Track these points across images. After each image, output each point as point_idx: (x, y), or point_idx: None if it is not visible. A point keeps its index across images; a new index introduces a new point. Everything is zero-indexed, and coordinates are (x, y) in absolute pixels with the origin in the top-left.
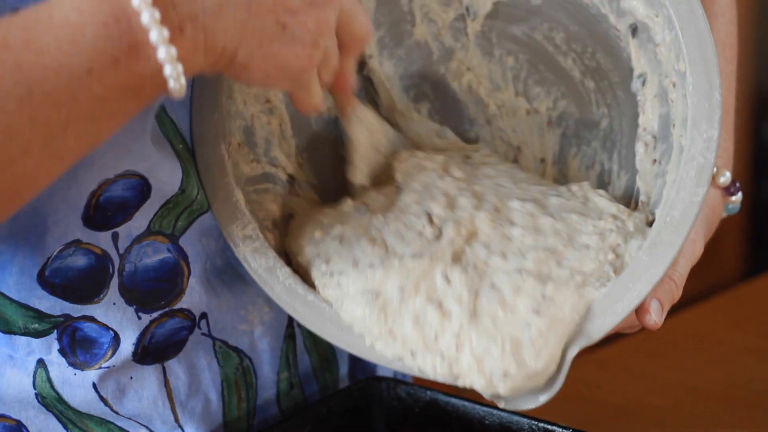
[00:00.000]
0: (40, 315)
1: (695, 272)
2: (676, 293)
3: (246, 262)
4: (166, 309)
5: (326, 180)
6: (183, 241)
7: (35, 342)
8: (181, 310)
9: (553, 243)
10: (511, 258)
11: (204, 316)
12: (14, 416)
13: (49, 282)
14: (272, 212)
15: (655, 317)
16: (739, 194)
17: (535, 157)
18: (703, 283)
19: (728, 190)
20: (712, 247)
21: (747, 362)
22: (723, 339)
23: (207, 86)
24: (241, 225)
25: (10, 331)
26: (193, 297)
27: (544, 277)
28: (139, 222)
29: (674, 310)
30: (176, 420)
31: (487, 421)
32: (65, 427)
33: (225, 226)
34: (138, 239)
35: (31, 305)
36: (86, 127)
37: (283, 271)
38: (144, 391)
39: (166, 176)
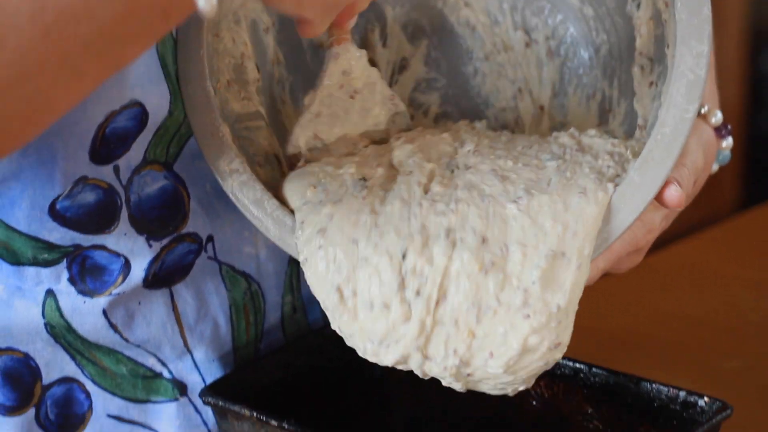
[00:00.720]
0: (50, 246)
1: (692, 203)
2: (690, 179)
3: (234, 196)
4: (174, 234)
5: None
6: (177, 167)
7: (44, 272)
8: (189, 234)
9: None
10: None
11: (210, 238)
12: (22, 349)
13: (61, 215)
14: (263, 148)
15: (675, 192)
16: (730, 139)
17: (534, 102)
18: (700, 215)
19: (720, 132)
20: (709, 178)
21: (743, 293)
22: (719, 270)
23: (191, 25)
24: (227, 159)
25: (18, 263)
26: (197, 220)
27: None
28: (135, 153)
29: (671, 242)
30: (185, 344)
31: None
32: (73, 358)
33: (212, 162)
34: (137, 170)
35: (41, 237)
36: (108, 48)
37: (271, 203)
38: (153, 316)
39: (157, 99)
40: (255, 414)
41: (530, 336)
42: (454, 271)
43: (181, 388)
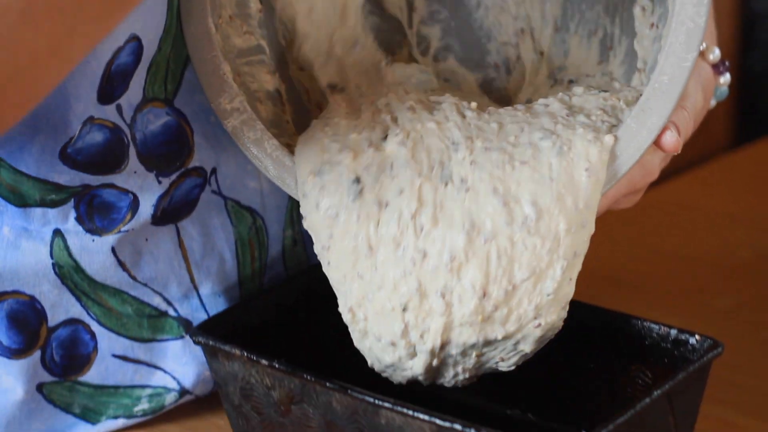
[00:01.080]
0: (58, 187)
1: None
2: (689, 122)
3: (234, 135)
4: (182, 169)
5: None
6: (178, 103)
7: (51, 212)
8: (195, 168)
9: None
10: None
11: (214, 171)
12: (27, 291)
13: (72, 158)
14: (265, 83)
15: (672, 137)
16: (728, 75)
17: (535, 46)
18: (691, 153)
19: (717, 69)
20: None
21: (733, 230)
22: (710, 207)
23: None
24: (228, 98)
25: (24, 204)
26: (202, 154)
27: None
28: (135, 90)
29: (662, 180)
30: (192, 280)
31: None
32: (78, 299)
33: (213, 100)
34: (139, 108)
35: (51, 180)
36: (94, 28)
37: (271, 143)
38: (160, 252)
39: (152, 34)
40: (245, 353)
41: (542, 337)
42: (456, 322)
43: (186, 325)
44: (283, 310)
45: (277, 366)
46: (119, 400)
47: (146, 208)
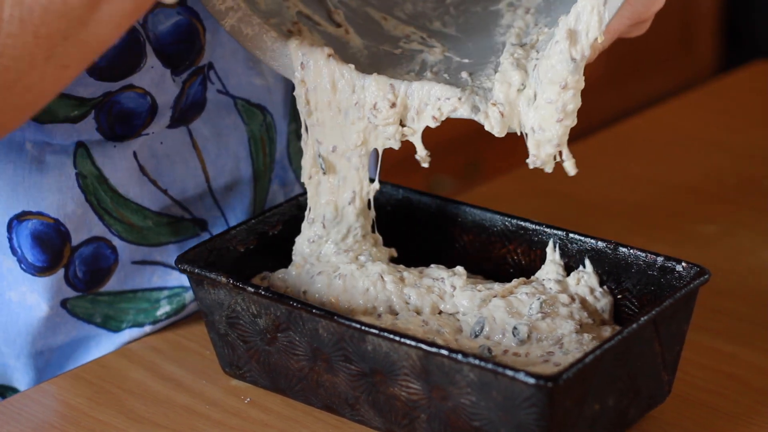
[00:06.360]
0: (81, 101)
1: (669, 67)
2: None
3: (233, 34)
4: (193, 68)
5: None
6: (190, 2)
7: (73, 127)
8: (204, 66)
9: None
10: None
11: (211, 66)
12: (52, 215)
13: (98, 68)
14: None
15: None
16: None
17: None
18: (677, 79)
19: None
20: (685, 42)
21: (719, 157)
22: (696, 134)
23: None
24: None
25: (48, 121)
26: (213, 52)
27: None
28: None
29: (648, 106)
30: (207, 180)
31: (459, 219)
32: (101, 219)
33: (206, 3)
34: (149, 9)
35: (75, 94)
36: (86, 36)
37: (269, 36)
38: (176, 155)
39: None
40: (231, 281)
41: None
42: None
43: (201, 225)
44: (268, 238)
45: (263, 293)
46: (138, 304)
47: (164, 110)
